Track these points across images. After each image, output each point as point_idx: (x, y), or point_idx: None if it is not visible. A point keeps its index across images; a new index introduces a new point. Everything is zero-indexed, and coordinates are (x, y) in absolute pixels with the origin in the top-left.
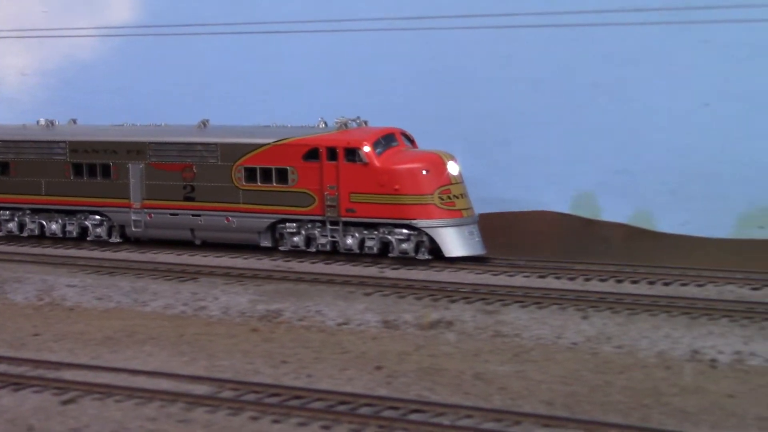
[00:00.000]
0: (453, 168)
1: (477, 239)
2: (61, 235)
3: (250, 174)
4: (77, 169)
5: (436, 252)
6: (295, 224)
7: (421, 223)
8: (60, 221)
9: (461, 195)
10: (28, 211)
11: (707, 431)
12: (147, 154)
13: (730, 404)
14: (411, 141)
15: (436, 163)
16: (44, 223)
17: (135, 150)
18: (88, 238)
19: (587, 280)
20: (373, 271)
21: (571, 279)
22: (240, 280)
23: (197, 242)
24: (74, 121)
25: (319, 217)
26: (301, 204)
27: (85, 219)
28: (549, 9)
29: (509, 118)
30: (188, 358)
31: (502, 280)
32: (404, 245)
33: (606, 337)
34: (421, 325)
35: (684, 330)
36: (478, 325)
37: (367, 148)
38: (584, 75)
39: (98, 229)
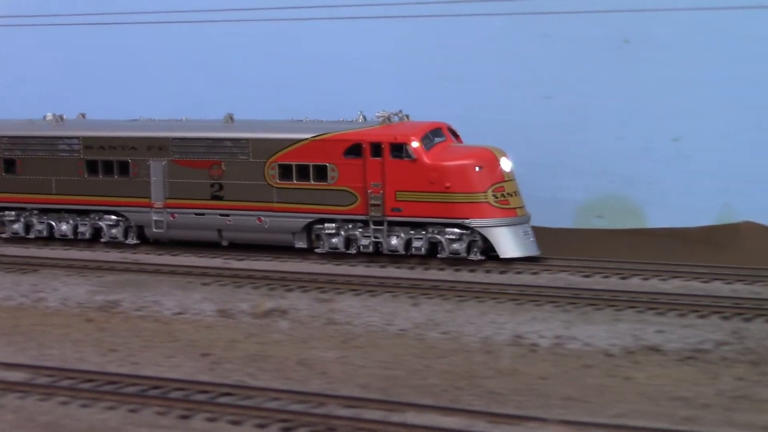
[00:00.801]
0: (506, 164)
1: (531, 239)
2: (72, 237)
3: (286, 171)
4: (92, 166)
5: (486, 252)
6: (334, 224)
7: (474, 222)
8: (71, 222)
9: (514, 193)
10: (35, 212)
11: (511, 411)
12: (170, 151)
13: (541, 386)
14: (456, 136)
15: (489, 160)
16: (54, 223)
17: (157, 146)
18: (101, 240)
19: (426, 269)
20: (210, 261)
21: (411, 268)
22: (81, 272)
23: (224, 243)
24: (83, 116)
25: (362, 217)
26: (341, 203)
27: (100, 219)
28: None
29: None
30: (17, 348)
31: (341, 269)
32: (455, 245)
33: (434, 324)
34: (256, 314)
35: (509, 316)
36: (312, 313)
37: (415, 144)
38: (429, 68)
39: (114, 230)
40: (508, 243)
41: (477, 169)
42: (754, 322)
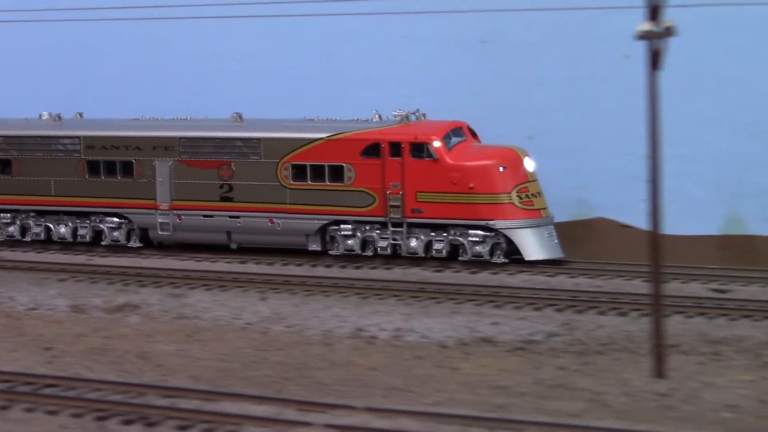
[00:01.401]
0: (529, 164)
1: (555, 241)
2: (71, 240)
3: (299, 172)
4: (93, 167)
5: (509, 255)
6: (350, 226)
7: (499, 224)
8: (71, 224)
9: (538, 193)
10: (32, 214)
11: (334, 400)
12: (177, 151)
13: (369, 376)
14: (474, 135)
15: (513, 159)
16: (51, 226)
17: (162, 146)
18: (102, 243)
19: (285, 264)
20: (73, 258)
21: (270, 264)
22: None
23: (233, 246)
24: (80, 115)
25: (380, 218)
26: (358, 204)
27: (101, 222)
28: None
29: None
30: None
31: (191, 264)
32: (478, 248)
33: (280, 318)
34: (108, 309)
35: (353, 309)
36: (164, 308)
37: (437, 143)
38: (297, 67)
39: (115, 233)
40: (533, 245)
41: (501, 169)
42: (585, 314)
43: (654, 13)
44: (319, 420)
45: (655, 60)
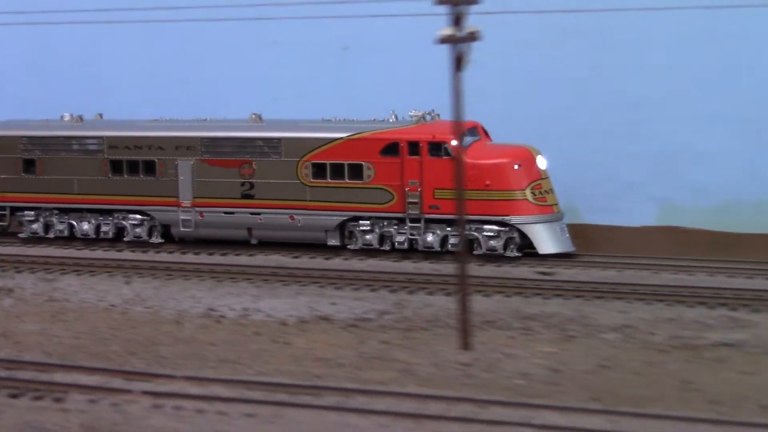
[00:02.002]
0: (542, 162)
1: (566, 235)
2: (94, 236)
3: (319, 170)
4: (116, 166)
5: (521, 249)
6: (368, 222)
7: (514, 219)
8: (93, 221)
9: (550, 190)
10: (56, 212)
11: (170, 371)
12: (199, 150)
13: (208, 350)
14: (487, 134)
15: (527, 158)
16: (75, 223)
17: (185, 146)
18: (125, 239)
19: (157, 252)
20: None
21: (144, 251)
22: None
23: (253, 242)
24: (101, 116)
25: (398, 215)
26: (377, 201)
27: (123, 219)
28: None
29: None
30: None
31: (63, 252)
32: (493, 242)
33: (141, 299)
34: None
35: (207, 292)
36: (36, 292)
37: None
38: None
39: (138, 229)
40: (546, 239)
41: (516, 167)
42: (416, 294)
43: (457, 19)
44: (141, 388)
45: (458, 63)
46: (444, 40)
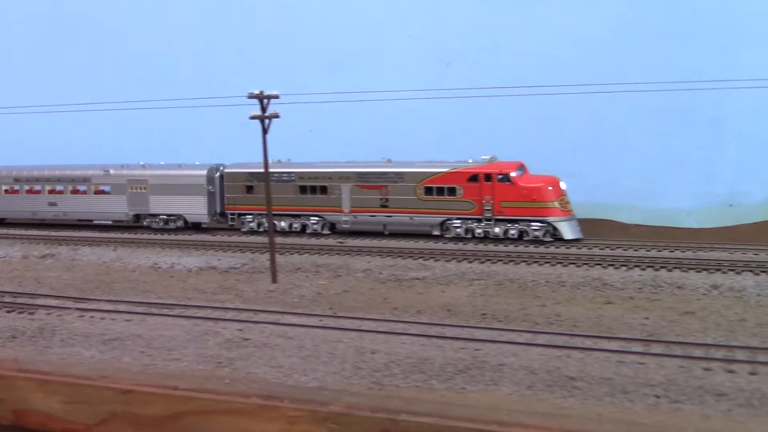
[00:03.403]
0: (563, 185)
1: (579, 228)
2: (287, 230)
3: (429, 190)
4: (303, 189)
5: (554, 236)
6: (459, 221)
7: (549, 219)
8: (287, 221)
9: (568, 202)
10: (264, 216)
11: (104, 297)
12: (354, 179)
13: (140, 284)
14: (526, 168)
15: (555, 183)
16: (276, 222)
17: (345, 177)
18: (307, 231)
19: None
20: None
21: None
22: None
23: (386, 232)
24: (289, 159)
25: (478, 216)
26: (465, 209)
27: (306, 220)
28: None
29: None
30: None
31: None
32: (537, 233)
33: (120, 258)
34: None
35: (156, 255)
36: (66, 256)
37: (513, 174)
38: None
39: (315, 226)
40: (568, 230)
41: (549, 188)
42: (266, 254)
43: (263, 105)
44: (78, 306)
45: (265, 130)
46: (254, 118)
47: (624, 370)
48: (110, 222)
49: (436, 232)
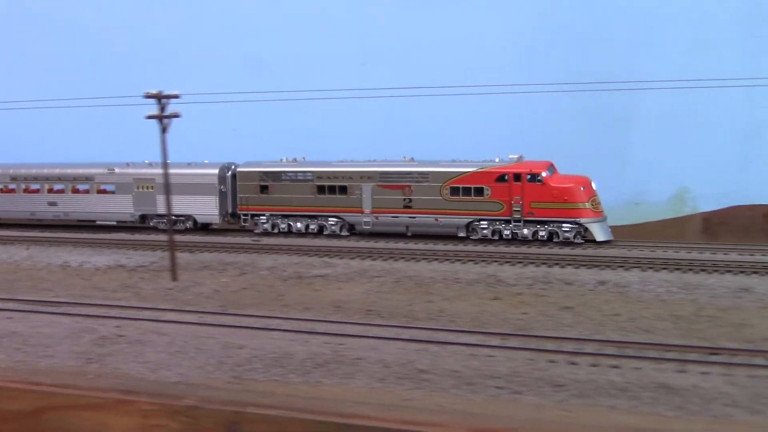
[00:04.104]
0: (593, 185)
1: (609, 230)
2: (304, 231)
3: (455, 191)
4: (321, 189)
5: (584, 238)
6: (486, 222)
7: (581, 220)
8: (303, 222)
9: (599, 202)
10: (279, 217)
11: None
12: (376, 179)
13: (42, 283)
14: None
15: (587, 183)
16: (291, 223)
17: (367, 176)
18: (324, 233)
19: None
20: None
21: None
22: None
23: (409, 234)
24: (304, 158)
25: (507, 218)
26: (493, 209)
27: (324, 221)
28: None
29: None
30: None
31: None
32: (567, 234)
33: (31, 257)
34: None
35: (67, 253)
36: None
37: (544, 174)
38: None
39: (333, 227)
40: (599, 232)
41: (581, 188)
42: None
43: (161, 105)
44: None
45: (164, 129)
46: (150, 117)
47: (473, 363)
48: (114, 223)
49: (462, 234)
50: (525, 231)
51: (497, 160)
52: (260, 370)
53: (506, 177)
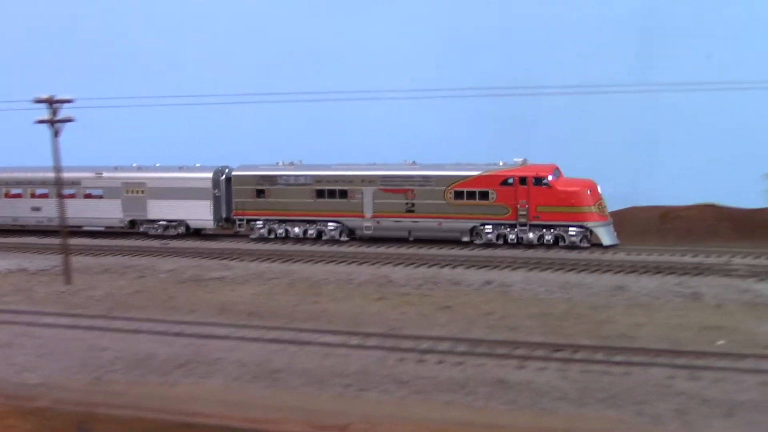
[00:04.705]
0: (599, 189)
1: (615, 233)
2: (302, 236)
3: (459, 194)
4: (320, 192)
5: (589, 242)
6: (491, 226)
7: (588, 224)
8: (301, 227)
9: (605, 206)
10: (276, 222)
11: None
12: (378, 182)
13: None
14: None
15: (593, 186)
16: (288, 228)
17: (368, 180)
18: (323, 238)
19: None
20: None
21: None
22: None
23: (410, 239)
24: (300, 162)
25: (512, 222)
26: (498, 213)
27: (323, 225)
28: None
29: None
30: None
31: None
32: (573, 238)
33: None
34: None
35: None
36: None
37: (550, 177)
38: None
39: (333, 232)
40: (606, 236)
41: (588, 192)
42: (78, 255)
43: (53, 109)
44: None
45: (56, 133)
46: (41, 122)
47: (327, 362)
48: (102, 228)
49: (466, 238)
50: (530, 235)
51: (501, 163)
52: (121, 372)
53: (512, 180)
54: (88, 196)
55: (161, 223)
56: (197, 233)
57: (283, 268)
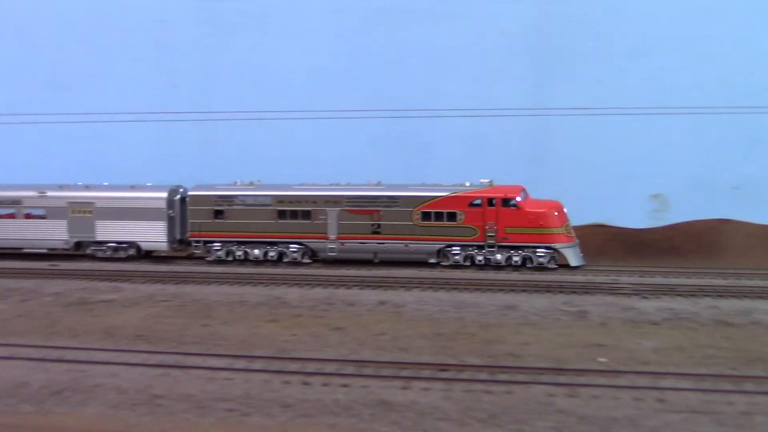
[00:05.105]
0: (565, 210)
1: (581, 255)
2: (262, 258)
3: (426, 215)
4: (281, 213)
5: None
6: (459, 248)
7: (556, 245)
8: (262, 249)
9: (571, 227)
10: (235, 244)
11: None
12: (343, 203)
13: None
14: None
15: (560, 208)
16: (248, 250)
17: (333, 200)
18: (284, 260)
19: None
20: None
21: None
22: None
23: (376, 261)
24: (260, 181)
25: (481, 243)
26: (466, 235)
27: (285, 247)
28: None
29: None
30: None
31: None
32: (542, 259)
33: None
34: None
35: None
36: None
37: (518, 198)
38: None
39: (295, 254)
40: (573, 257)
41: (556, 213)
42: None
43: None
44: None
45: None
46: None
47: (210, 387)
48: (44, 250)
49: (433, 260)
50: (498, 256)
51: (468, 184)
52: None
53: (480, 202)
54: (28, 216)
55: (110, 244)
56: (148, 255)
57: (174, 290)
